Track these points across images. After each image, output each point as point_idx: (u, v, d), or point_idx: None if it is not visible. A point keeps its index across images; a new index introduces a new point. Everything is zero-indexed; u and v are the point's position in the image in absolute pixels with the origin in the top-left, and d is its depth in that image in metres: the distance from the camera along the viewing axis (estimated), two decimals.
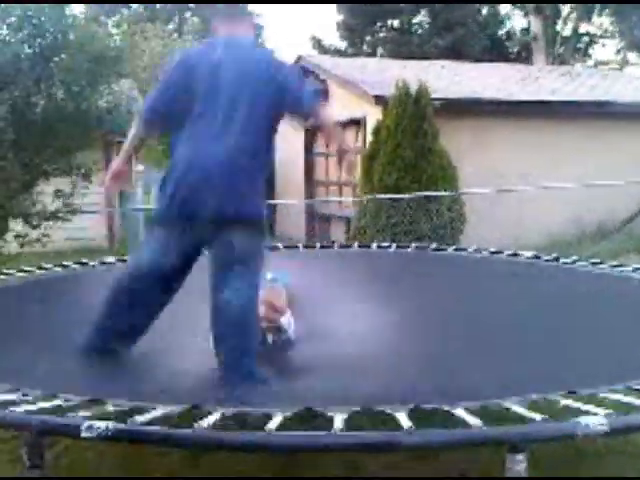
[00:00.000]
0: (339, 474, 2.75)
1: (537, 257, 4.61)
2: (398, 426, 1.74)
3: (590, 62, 23.79)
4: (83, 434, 1.74)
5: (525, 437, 1.68)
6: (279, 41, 54.23)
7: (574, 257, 4.49)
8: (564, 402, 1.92)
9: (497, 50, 22.00)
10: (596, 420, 1.70)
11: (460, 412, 1.84)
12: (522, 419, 1.82)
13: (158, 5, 35.75)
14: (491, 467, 2.71)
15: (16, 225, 6.41)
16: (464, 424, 1.77)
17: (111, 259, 4.97)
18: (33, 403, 1.99)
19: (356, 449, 1.75)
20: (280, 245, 5.72)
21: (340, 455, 2.68)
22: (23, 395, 2.08)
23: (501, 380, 2.24)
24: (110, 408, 1.96)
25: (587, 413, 1.79)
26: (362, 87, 9.71)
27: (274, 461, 2.78)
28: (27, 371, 2.39)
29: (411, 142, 7.87)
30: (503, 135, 9.95)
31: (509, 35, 24.08)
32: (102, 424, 1.74)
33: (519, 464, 1.71)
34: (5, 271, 4.28)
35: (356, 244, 5.47)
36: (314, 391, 2.29)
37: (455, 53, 18.81)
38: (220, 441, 1.77)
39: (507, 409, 1.90)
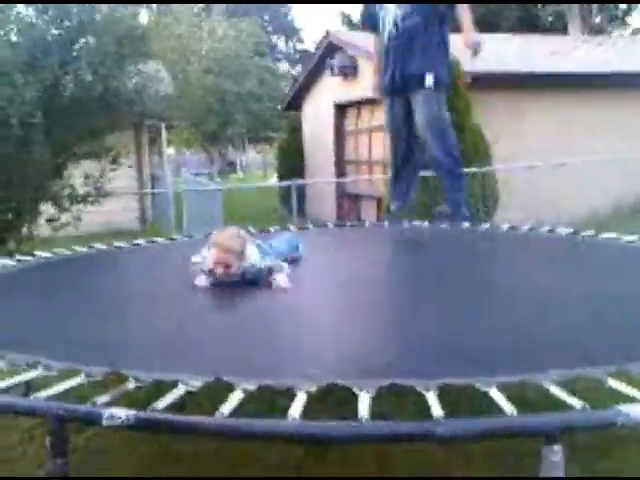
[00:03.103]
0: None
1: (575, 233, 4.46)
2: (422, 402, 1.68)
3: (628, 31, 23.05)
4: (104, 422, 1.71)
5: (564, 427, 1.58)
6: (307, 17, 53.80)
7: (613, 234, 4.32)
8: (608, 382, 1.82)
9: (530, 21, 21.42)
10: (638, 410, 1.60)
11: (494, 394, 1.76)
12: (557, 402, 1.73)
13: None
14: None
15: (47, 209, 6.46)
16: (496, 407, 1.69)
17: (141, 241, 4.98)
18: (54, 383, 1.96)
19: (386, 440, 1.67)
20: (310, 224, 5.69)
21: None
22: (45, 368, 2.07)
23: (542, 352, 2.12)
24: (131, 385, 1.93)
25: (630, 398, 1.69)
26: None
27: None
28: (50, 341, 2.38)
29: None
30: (538, 109, 9.69)
31: (543, 5, 23.41)
32: (123, 413, 1.69)
33: (555, 455, 1.62)
34: (39, 253, 4.32)
35: (386, 223, 5.36)
36: (334, 359, 2.21)
37: (487, 25, 18.36)
38: (245, 430, 1.71)
39: (545, 388, 1.80)
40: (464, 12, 3.91)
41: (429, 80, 3.86)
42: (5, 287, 3.50)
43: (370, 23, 4.28)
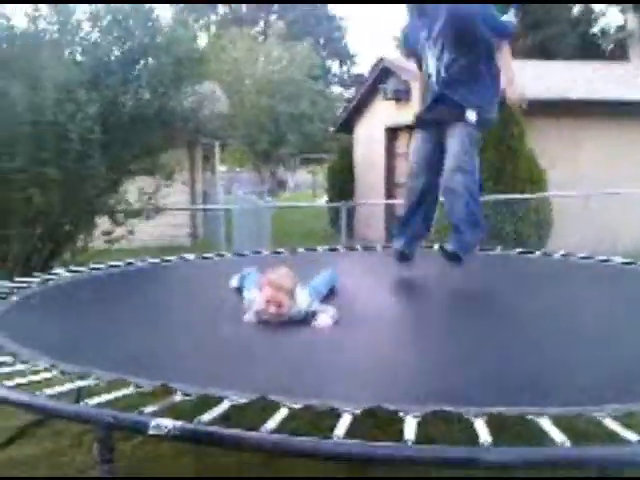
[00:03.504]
0: None
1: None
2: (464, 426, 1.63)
3: None
4: (150, 432, 1.72)
5: (620, 462, 1.52)
6: (361, 42, 54.24)
7: None
8: None
9: (589, 49, 21.09)
10: None
11: (545, 423, 1.70)
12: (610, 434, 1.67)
13: (244, 8, 36.54)
14: None
15: (102, 222, 6.63)
16: (546, 436, 1.64)
17: (191, 256, 5.05)
18: (104, 392, 1.99)
19: (431, 463, 1.63)
20: (358, 246, 5.68)
21: None
22: (95, 379, 2.10)
23: (597, 385, 2.05)
24: (178, 398, 1.94)
25: None
26: None
27: None
28: (100, 353, 2.42)
29: (496, 144, 7.63)
30: (595, 137, 9.49)
31: (603, 33, 23.04)
32: (169, 423, 1.71)
33: None
34: (93, 265, 4.46)
35: (436, 246, 5.31)
36: (381, 384, 2.19)
37: (544, 52, 18.19)
38: (288, 447, 1.70)
39: (598, 420, 1.74)
40: (505, 58, 3.54)
41: (471, 115, 3.51)
42: (55, 298, 3.59)
43: (409, 48, 3.99)
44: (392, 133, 12.15)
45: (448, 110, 3.61)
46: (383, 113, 12.10)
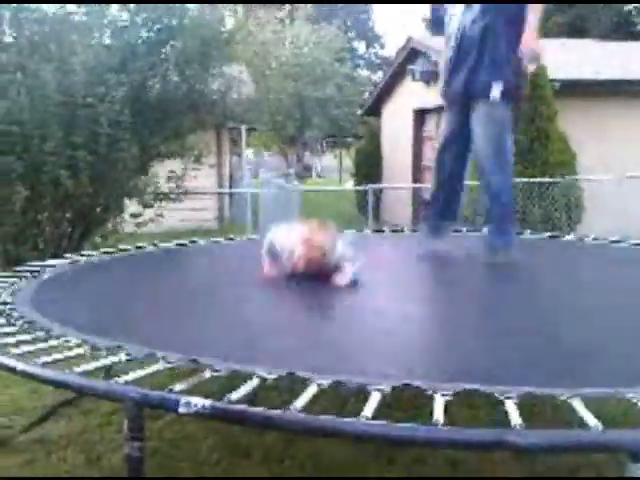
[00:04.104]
0: None
1: None
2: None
3: None
4: (181, 410, 1.73)
5: None
6: (390, 23, 53.54)
7: None
8: None
9: (624, 27, 20.58)
10: None
11: (577, 404, 1.67)
12: None
13: None
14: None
15: (131, 205, 6.69)
16: (577, 418, 1.61)
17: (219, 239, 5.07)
18: (134, 368, 2.01)
19: (460, 447, 1.62)
20: (386, 229, 5.66)
21: None
22: (127, 355, 2.12)
23: (629, 368, 2.01)
24: (207, 374, 1.94)
25: None
26: None
27: None
28: (134, 331, 2.44)
29: (527, 125, 7.51)
30: (629, 118, 9.29)
31: (638, 10, 22.43)
32: (199, 401, 1.71)
33: None
34: (122, 247, 4.50)
35: (464, 229, 5.26)
36: (410, 363, 2.17)
37: (577, 30, 17.81)
38: (317, 427, 1.70)
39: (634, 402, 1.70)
40: (532, 12, 3.34)
41: (496, 91, 3.35)
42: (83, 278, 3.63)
43: (440, 30, 3.90)
44: (420, 116, 12.03)
45: (470, 86, 3.49)
46: (411, 95, 11.98)
